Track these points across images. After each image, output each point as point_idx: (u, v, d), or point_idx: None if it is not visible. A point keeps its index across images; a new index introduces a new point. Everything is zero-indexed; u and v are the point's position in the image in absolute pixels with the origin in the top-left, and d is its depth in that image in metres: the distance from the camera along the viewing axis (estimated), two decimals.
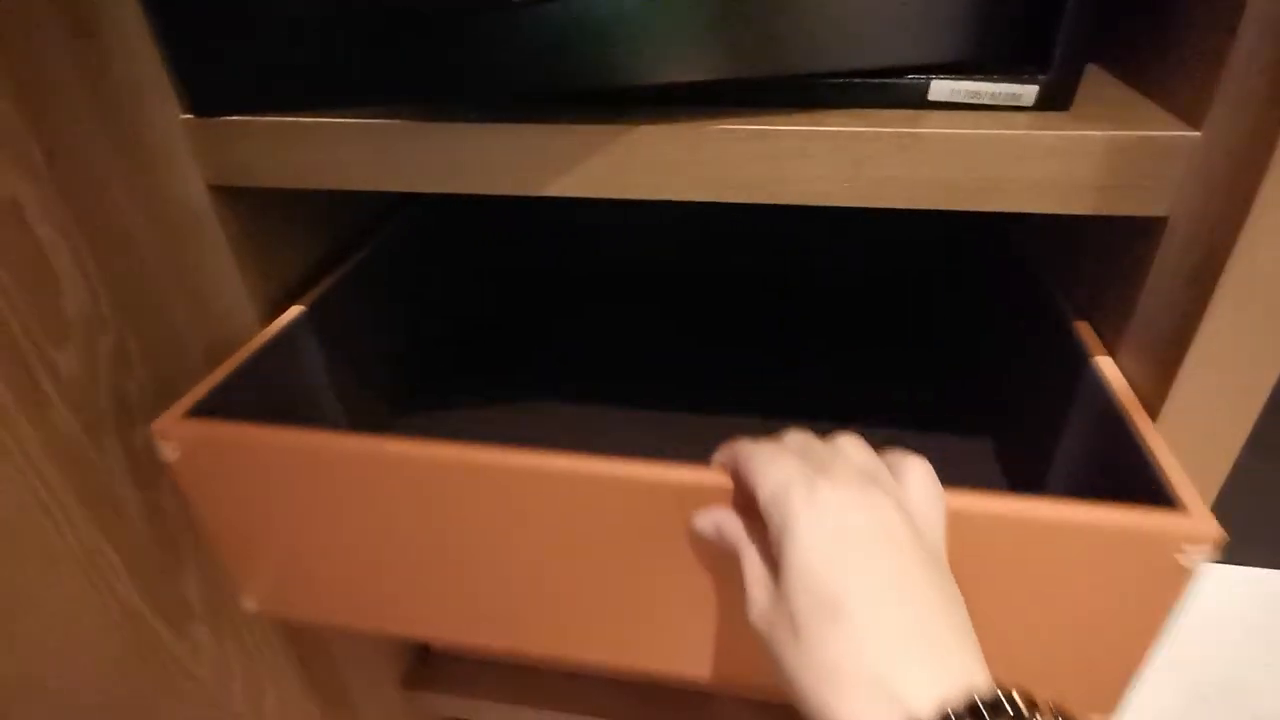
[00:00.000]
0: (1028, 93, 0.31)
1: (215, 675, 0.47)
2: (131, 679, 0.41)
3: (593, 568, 0.34)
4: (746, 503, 0.27)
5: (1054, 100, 0.31)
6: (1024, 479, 0.44)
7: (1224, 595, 0.99)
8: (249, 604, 0.41)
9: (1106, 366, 0.36)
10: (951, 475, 0.27)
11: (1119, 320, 0.35)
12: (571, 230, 0.69)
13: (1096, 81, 0.35)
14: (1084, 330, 0.38)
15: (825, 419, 0.52)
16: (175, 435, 0.35)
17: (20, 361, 0.34)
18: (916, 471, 0.27)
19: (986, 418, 0.52)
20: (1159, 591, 0.29)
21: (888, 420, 0.52)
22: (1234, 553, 1.02)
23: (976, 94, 0.32)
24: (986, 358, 0.55)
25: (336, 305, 0.47)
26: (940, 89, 0.32)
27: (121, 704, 0.40)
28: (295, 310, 0.43)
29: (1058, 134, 0.29)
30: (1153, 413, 0.33)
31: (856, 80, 0.32)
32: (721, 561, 0.30)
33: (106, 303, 0.38)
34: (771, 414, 0.52)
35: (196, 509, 0.37)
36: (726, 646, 0.34)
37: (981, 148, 0.30)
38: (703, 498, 0.30)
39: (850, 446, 0.28)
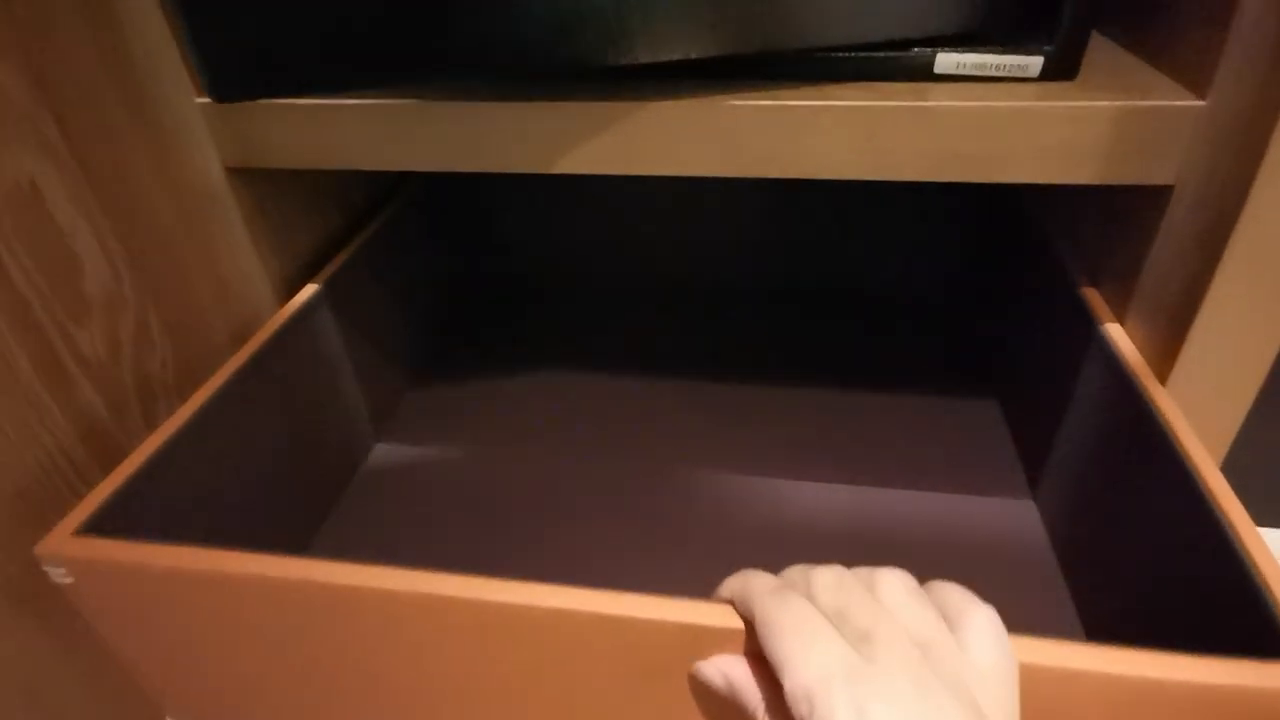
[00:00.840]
0: (1033, 64, 0.32)
1: None
2: None
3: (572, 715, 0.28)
4: (759, 651, 0.22)
5: (1059, 70, 0.32)
6: (1033, 444, 0.45)
7: None
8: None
9: (1115, 333, 0.36)
10: (959, 440, 0.26)
11: (1126, 286, 0.36)
12: (584, 201, 0.69)
13: (1101, 50, 0.35)
14: (1092, 296, 0.39)
15: (834, 385, 0.53)
16: (68, 556, 0.28)
17: (44, 341, 0.34)
18: (980, 624, 0.22)
19: (994, 383, 0.52)
20: None
21: (896, 384, 0.53)
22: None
23: (982, 66, 0.32)
24: (995, 322, 0.55)
25: (349, 282, 0.47)
26: (946, 62, 0.32)
27: None
28: (310, 289, 0.44)
29: (1063, 104, 0.30)
30: (1161, 376, 0.34)
31: (864, 54, 0.32)
32: (731, 712, 0.24)
33: (128, 282, 0.39)
34: (777, 381, 0.53)
35: (104, 634, 0.31)
36: None
37: (988, 119, 0.31)
38: (711, 640, 0.23)
39: (897, 596, 0.22)
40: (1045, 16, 0.31)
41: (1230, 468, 0.32)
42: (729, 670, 0.23)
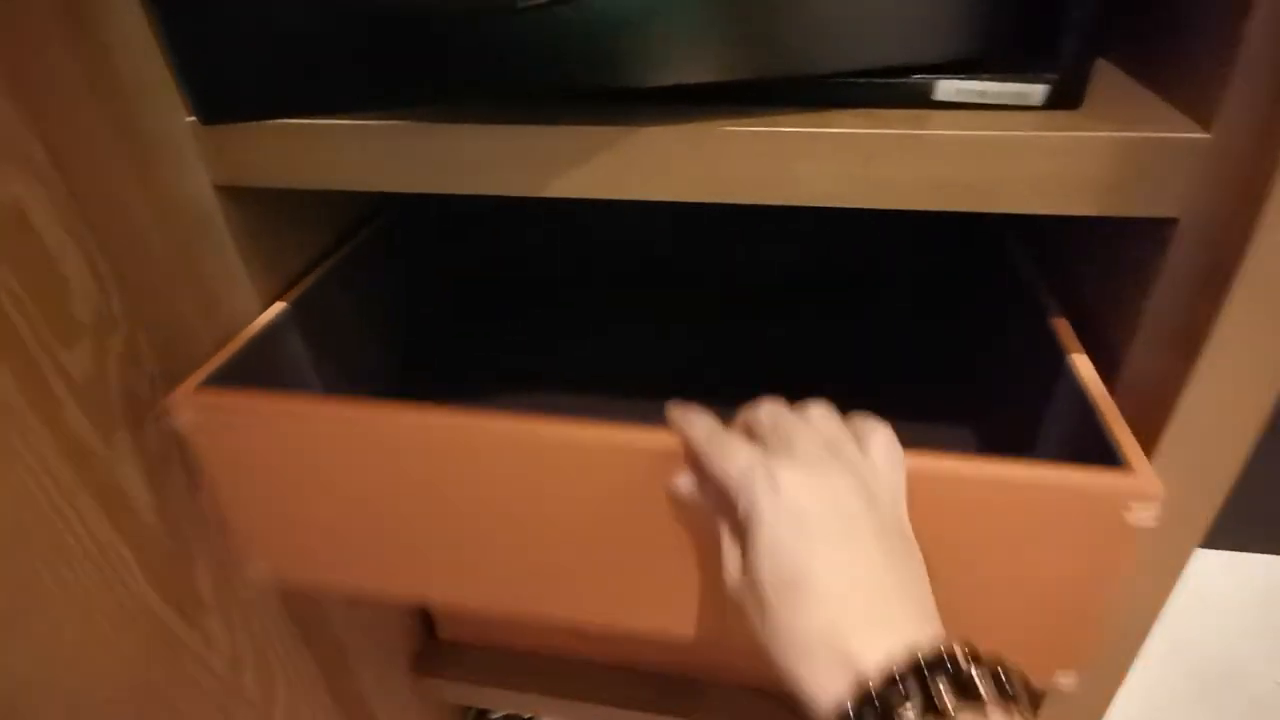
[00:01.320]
0: (1036, 92, 0.31)
1: (228, 666, 0.48)
2: (146, 672, 0.42)
3: (582, 527, 0.35)
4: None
5: (1063, 99, 0.31)
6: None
7: (1224, 581, 0.99)
8: (257, 571, 0.42)
9: (1081, 363, 0.36)
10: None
11: (1128, 321, 0.35)
12: (564, 218, 0.68)
13: (1106, 78, 0.35)
14: (1062, 327, 0.39)
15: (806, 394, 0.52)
16: (188, 406, 0.37)
17: (31, 365, 0.34)
18: (879, 437, 0.30)
19: (968, 411, 0.52)
20: (1110, 549, 0.30)
21: (869, 408, 0.52)
22: (1235, 538, 1.02)
23: (983, 93, 0.31)
24: (968, 351, 0.55)
25: (319, 301, 0.47)
26: (946, 89, 0.31)
27: (137, 697, 0.41)
28: (278, 307, 0.43)
29: (1066, 134, 0.29)
30: (1165, 412, 0.33)
31: (862, 80, 0.32)
32: (700, 520, 0.32)
33: (117, 302, 0.38)
34: (752, 395, 0.53)
35: (209, 478, 0.39)
36: (709, 603, 0.36)
37: (988, 148, 0.30)
38: (680, 461, 0.31)
39: (818, 416, 0.30)
40: (1048, 44, 0.31)
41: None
42: (694, 484, 0.31)
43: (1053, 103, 0.31)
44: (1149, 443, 0.33)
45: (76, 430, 0.37)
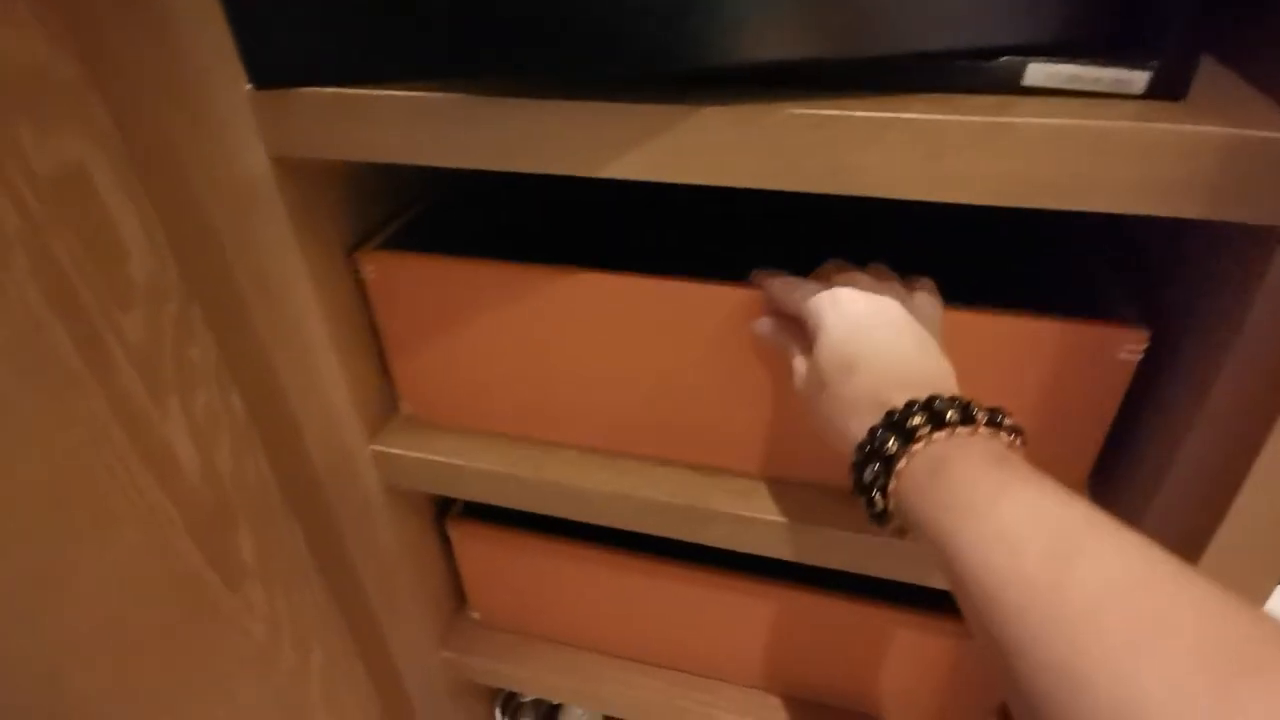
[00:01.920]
0: (1138, 79, 0.28)
1: (268, 632, 0.49)
2: (189, 635, 0.43)
3: (693, 368, 0.43)
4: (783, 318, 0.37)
5: (1167, 88, 0.28)
6: None
7: None
8: (407, 409, 0.51)
9: None
10: None
11: (1224, 335, 0.32)
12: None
13: (1207, 71, 0.32)
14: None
15: None
16: (373, 260, 0.44)
17: (89, 327, 0.35)
18: (924, 284, 0.36)
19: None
20: (1109, 383, 0.38)
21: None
22: None
23: (1078, 78, 0.29)
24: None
25: None
26: (1037, 73, 0.29)
27: (180, 659, 0.42)
28: None
29: (1171, 128, 0.27)
30: (1260, 438, 0.30)
31: (942, 62, 0.30)
32: (777, 352, 0.39)
33: (172, 271, 0.39)
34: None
35: (382, 324, 0.47)
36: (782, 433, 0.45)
37: (1082, 140, 0.27)
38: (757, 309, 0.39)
39: (872, 269, 0.37)
40: (1151, 27, 0.28)
41: None
42: (771, 321, 0.38)
43: (1155, 92, 0.28)
44: (1236, 470, 0.32)
45: (130, 393, 0.37)
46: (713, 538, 0.46)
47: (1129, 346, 0.36)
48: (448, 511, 0.60)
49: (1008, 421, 0.28)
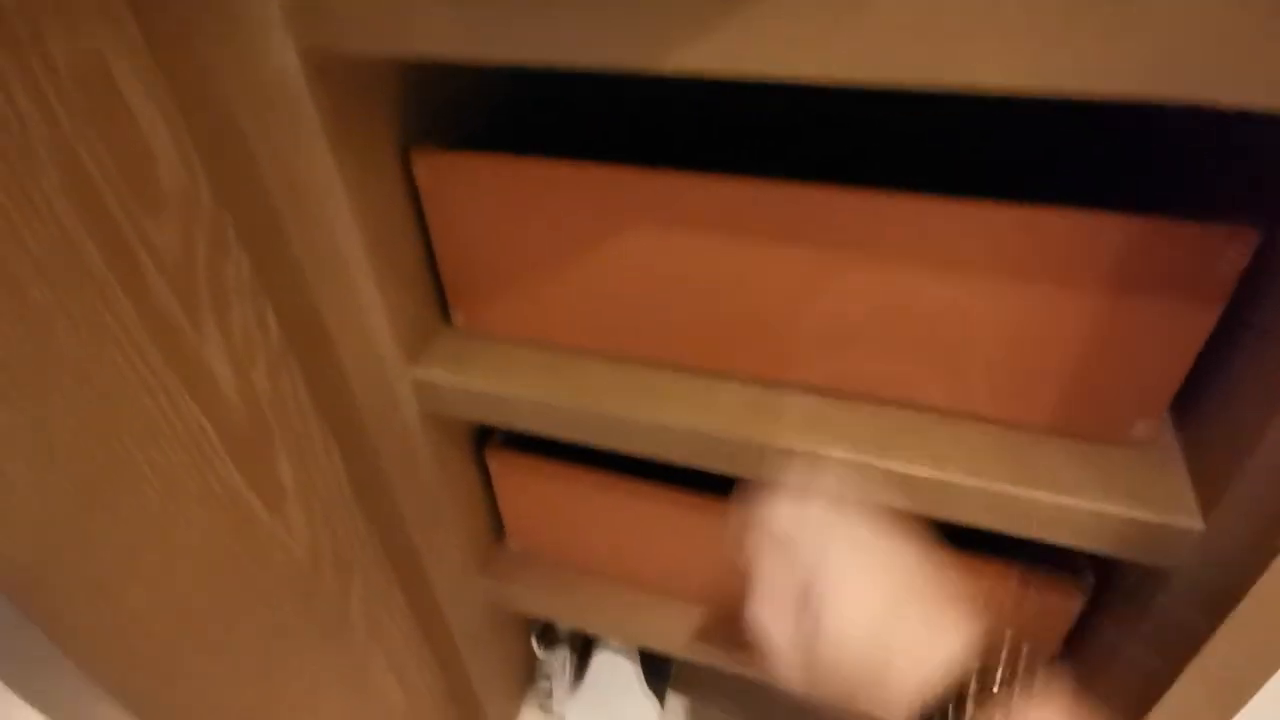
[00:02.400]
0: None
1: (309, 555, 0.49)
2: (230, 553, 0.42)
3: (741, 273, 0.42)
4: None
5: None
6: None
7: None
8: (459, 319, 0.50)
9: None
10: None
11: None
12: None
13: None
14: None
15: None
16: (427, 161, 0.43)
17: (118, 237, 0.33)
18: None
19: None
20: (1204, 294, 0.34)
21: None
22: None
23: None
24: None
25: None
26: None
27: (223, 571, 0.42)
28: None
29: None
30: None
31: None
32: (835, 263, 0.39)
33: (202, 178, 0.37)
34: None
35: (435, 230, 0.46)
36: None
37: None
38: None
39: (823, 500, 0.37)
40: None
41: None
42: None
43: None
44: None
45: (165, 309, 0.36)
46: (762, 473, 0.44)
47: (1235, 248, 0.32)
48: (487, 441, 0.59)
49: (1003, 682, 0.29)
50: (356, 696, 0.58)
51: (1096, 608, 0.47)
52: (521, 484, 0.60)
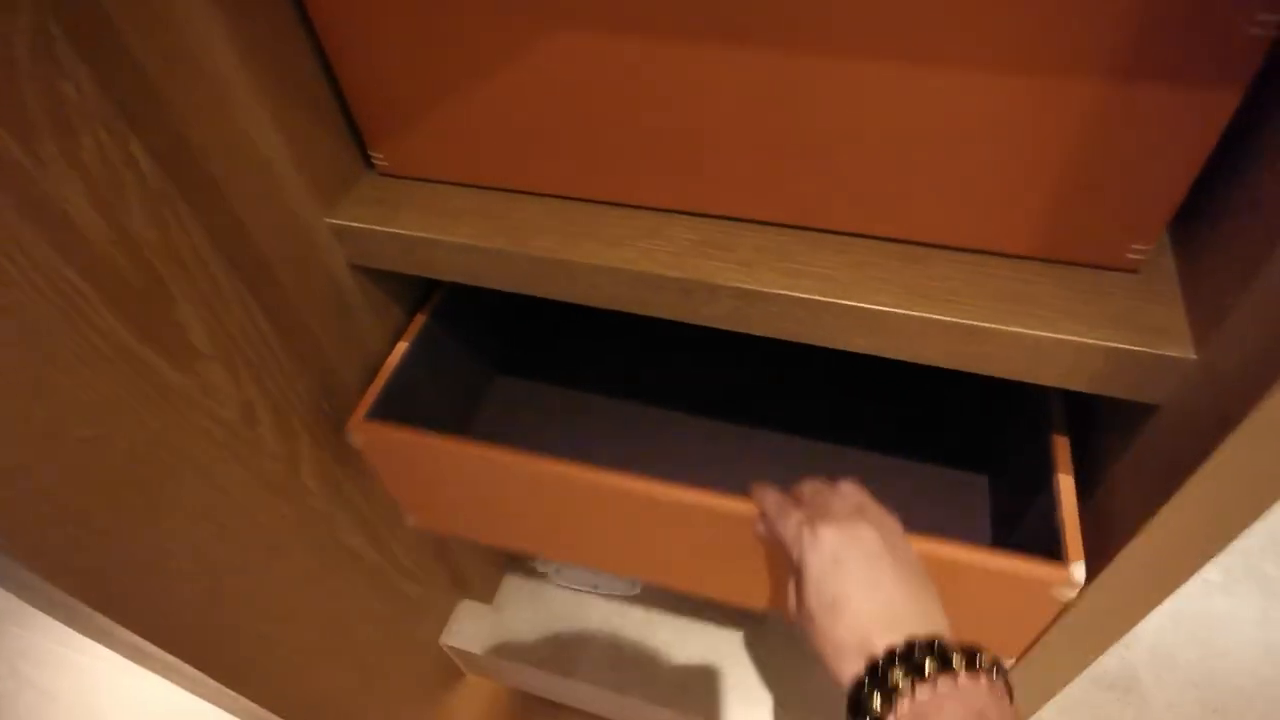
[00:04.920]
0: None
1: (240, 418, 0.46)
2: (143, 420, 0.39)
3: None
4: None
5: None
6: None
7: None
8: (380, 160, 0.46)
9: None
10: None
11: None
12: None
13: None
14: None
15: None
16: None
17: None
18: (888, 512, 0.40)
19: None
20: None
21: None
22: None
23: None
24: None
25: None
26: None
27: (139, 439, 0.39)
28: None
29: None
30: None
31: None
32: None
33: None
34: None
35: (333, 54, 0.41)
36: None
37: None
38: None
39: (847, 486, 0.41)
40: None
41: None
42: (764, 530, 0.43)
43: None
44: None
45: None
46: (712, 316, 0.40)
47: (1263, 15, 0.25)
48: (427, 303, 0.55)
49: (985, 661, 0.31)
50: (321, 555, 0.58)
51: (1082, 438, 0.44)
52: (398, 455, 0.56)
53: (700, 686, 0.77)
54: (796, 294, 0.37)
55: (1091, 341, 0.33)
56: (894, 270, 0.37)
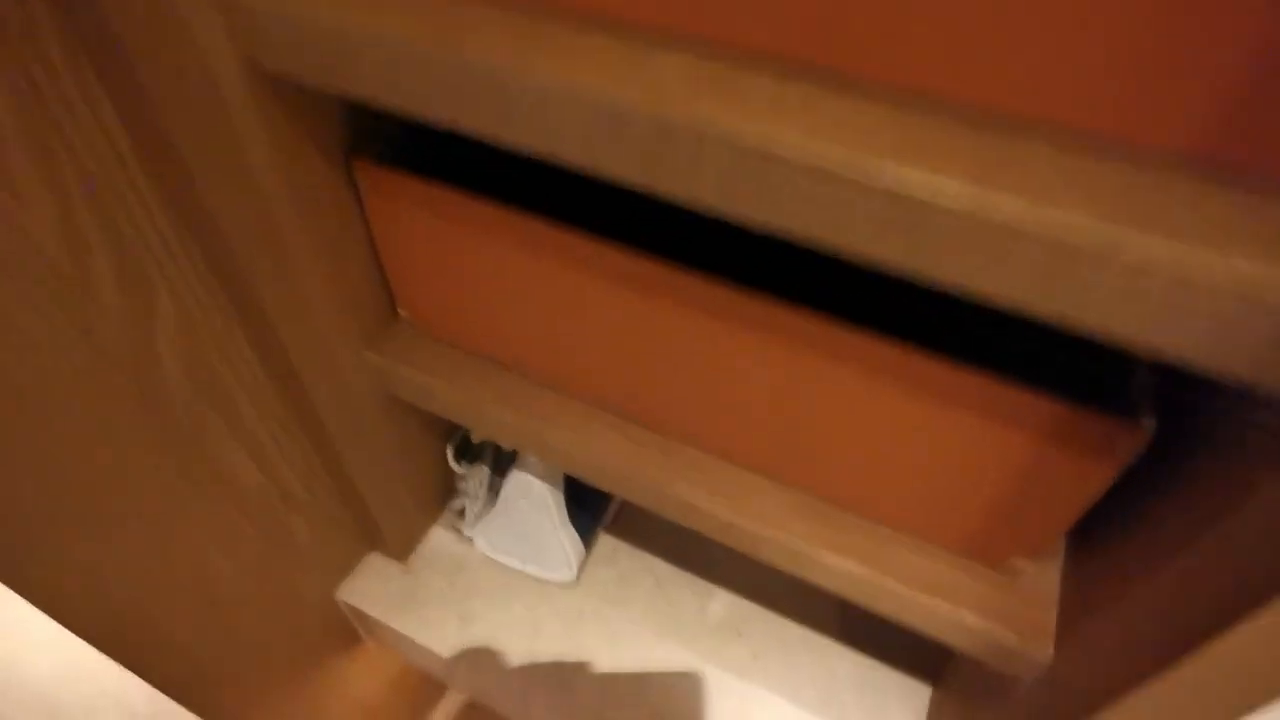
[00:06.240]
0: None
1: (65, 250, 0.34)
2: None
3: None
4: None
5: None
6: None
7: None
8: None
9: None
10: None
11: None
12: None
13: None
14: None
15: None
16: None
17: None
18: None
19: None
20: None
21: None
22: None
23: None
24: None
25: None
26: None
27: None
28: None
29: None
30: None
31: None
32: None
33: None
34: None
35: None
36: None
37: None
38: None
39: None
40: None
41: None
42: None
43: None
44: None
45: None
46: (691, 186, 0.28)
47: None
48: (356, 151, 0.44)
49: None
50: (172, 458, 0.46)
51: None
52: (398, 214, 0.44)
53: (625, 701, 0.65)
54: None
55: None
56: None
